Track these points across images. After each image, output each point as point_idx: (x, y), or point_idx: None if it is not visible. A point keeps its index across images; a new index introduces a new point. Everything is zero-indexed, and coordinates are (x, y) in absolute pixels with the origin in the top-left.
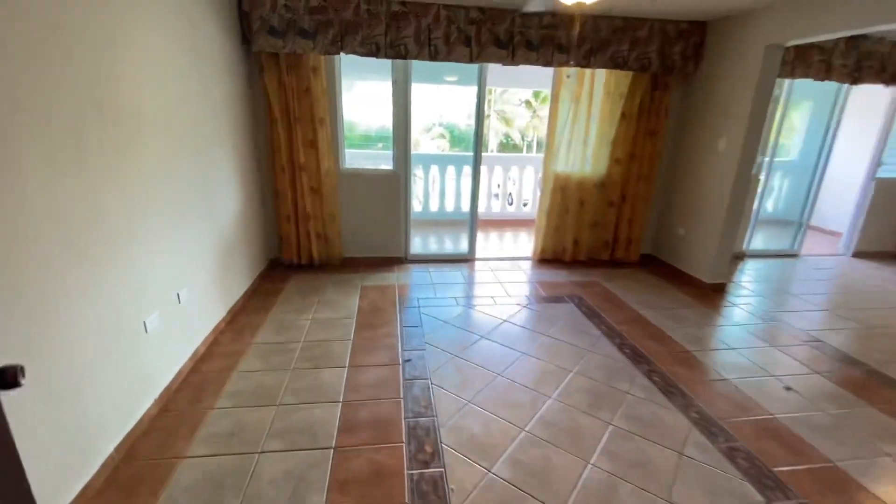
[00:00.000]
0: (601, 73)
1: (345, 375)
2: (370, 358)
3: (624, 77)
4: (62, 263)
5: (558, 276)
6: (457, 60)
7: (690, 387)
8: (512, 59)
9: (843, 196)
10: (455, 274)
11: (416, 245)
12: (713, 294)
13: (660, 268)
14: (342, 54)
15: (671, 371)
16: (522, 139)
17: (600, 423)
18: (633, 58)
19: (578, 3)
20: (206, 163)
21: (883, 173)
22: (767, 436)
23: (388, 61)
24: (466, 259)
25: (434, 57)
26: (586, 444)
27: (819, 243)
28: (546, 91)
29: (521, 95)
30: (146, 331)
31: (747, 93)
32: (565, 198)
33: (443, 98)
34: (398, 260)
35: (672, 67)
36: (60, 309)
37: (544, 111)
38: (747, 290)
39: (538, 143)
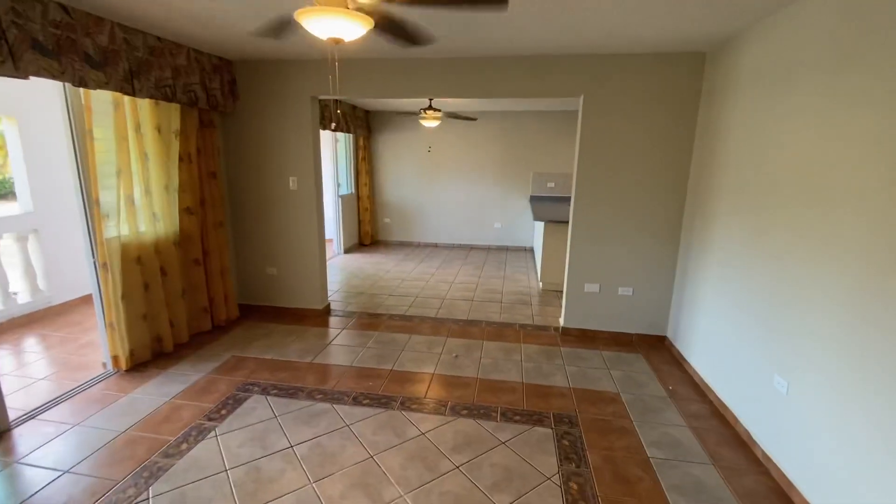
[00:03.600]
0: (145, 106)
1: None
2: None
3: (174, 111)
4: None
5: (172, 381)
6: None
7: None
8: (14, 64)
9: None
10: None
11: None
12: (326, 315)
13: (262, 313)
14: None
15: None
16: None
17: None
18: (181, 89)
19: (336, 40)
20: None
21: (341, 192)
22: None
23: None
24: None
25: None
26: None
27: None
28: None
29: None
30: None
31: (305, 134)
32: (143, 271)
33: None
34: None
35: (216, 104)
36: None
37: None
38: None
39: None
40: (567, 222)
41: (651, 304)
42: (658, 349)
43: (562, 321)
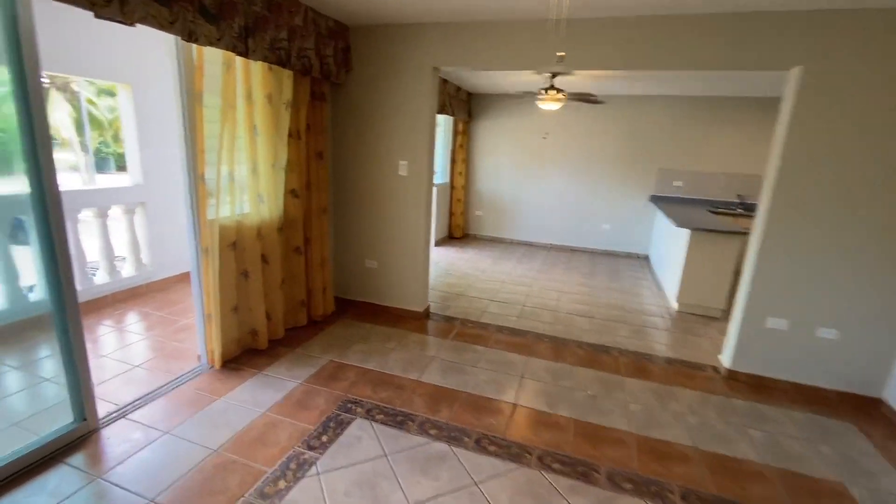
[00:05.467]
0: (257, 71)
1: None
2: None
3: (286, 79)
4: None
5: (267, 386)
6: None
7: None
8: (120, 7)
9: None
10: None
11: None
12: (426, 319)
13: (359, 309)
14: None
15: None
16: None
17: None
18: (295, 53)
19: None
20: None
21: (437, 180)
22: None
23: None
24: (76, 441)
25: None
26: None
27: None
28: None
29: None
30: None
31: (422, 112)
32: (241, 258)
33: None
34: None
35: (329, 73)
36: None
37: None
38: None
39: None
40: (720, 232)
41: (865, 353)
42: (873, 417)
43: (726, 361)
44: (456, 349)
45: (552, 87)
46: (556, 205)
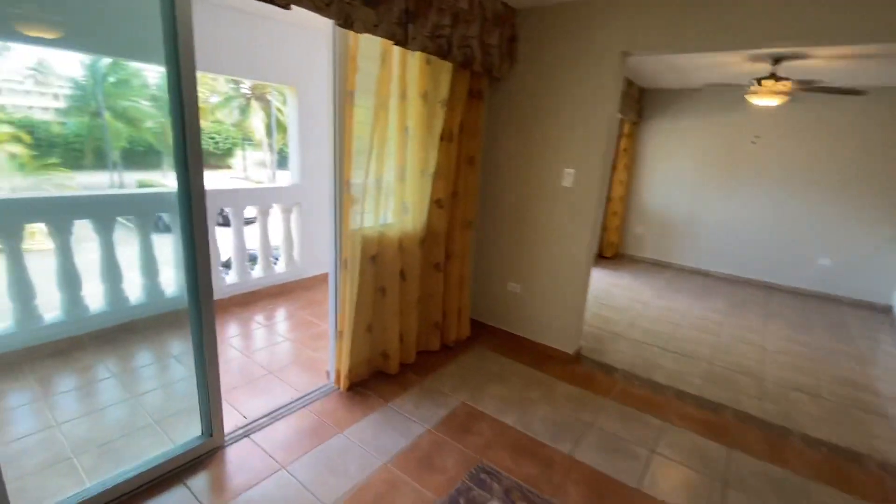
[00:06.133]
0: (414, 64)
1: None
2: None
3: (444, 74)
4: None
5: (392, 426)
6: None
7: None
8: None
9: None
10: None
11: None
12: (577, 363)
13: (496, 339)
14: None
15: None
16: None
17: None
18: (457, 42)
19: None
20: None
21: None
22: None
23: None
24: (205, 455)
25: None
26: None
27: None
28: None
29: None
30: None
31: (601, 110)
32: (380, 273)
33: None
34: None
35: (490, 66)
36: None
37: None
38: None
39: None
40: None
41: None
42: None
43: None
44: (622, 416)
45: (772, 76)
46: (750, 227)
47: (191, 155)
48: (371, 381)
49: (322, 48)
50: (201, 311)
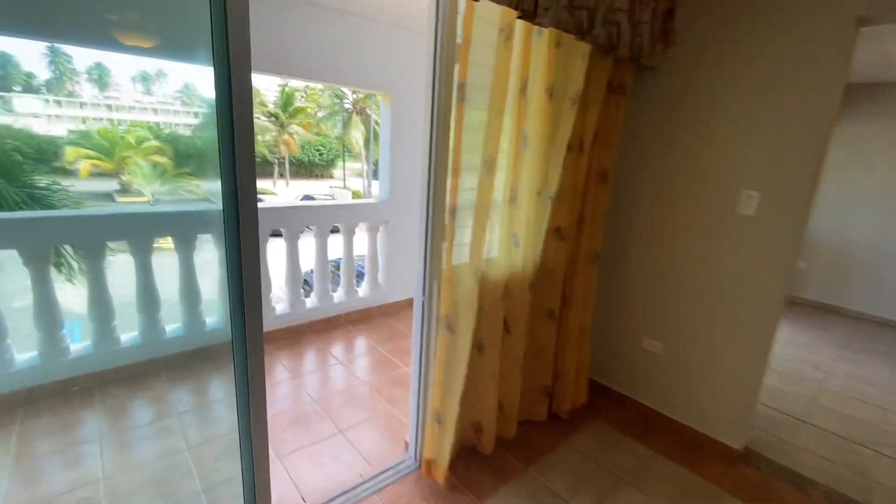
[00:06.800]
0: (540, 49)
1: None
2: None
3: (579, 61)
4: None
5: None
6: None
7: None
8: None
9: None
10: None
11: None
12: (746, 463)
13: (624, 412)
14: None
15: None
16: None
17: None
18: (601, 17)
19: None
20: None
21: None
22: None
23: None
24: None
25: None
26: None
27: None
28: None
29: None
30: None
31: (810, 108)
32: (480, 325)
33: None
34: None
35: (640, 50)
36: None
37: (296, 125)
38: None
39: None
40: None
41: None
42: None
43: None
44: None
45: None
46: None
47: (241, 165)
48: (460, 463)
49: (420, 48)
50: (247, 353)
